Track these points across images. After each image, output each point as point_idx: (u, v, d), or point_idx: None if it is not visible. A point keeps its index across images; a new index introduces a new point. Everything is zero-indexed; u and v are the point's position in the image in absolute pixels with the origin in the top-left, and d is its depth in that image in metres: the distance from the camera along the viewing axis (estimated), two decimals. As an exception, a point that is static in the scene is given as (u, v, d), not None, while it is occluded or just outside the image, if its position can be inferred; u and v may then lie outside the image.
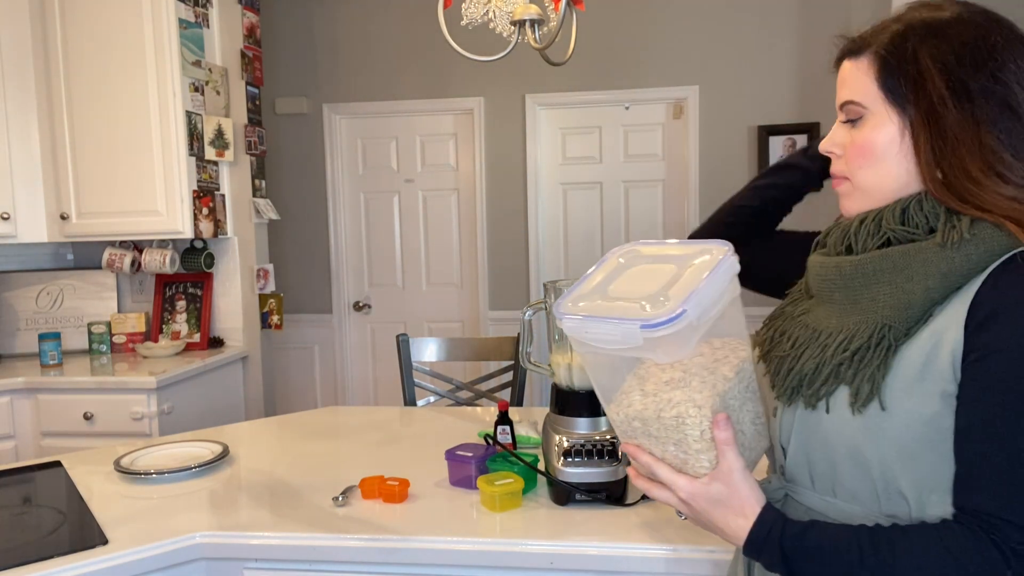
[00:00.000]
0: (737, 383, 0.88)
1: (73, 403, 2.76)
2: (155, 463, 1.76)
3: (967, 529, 0.78)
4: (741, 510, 0.87)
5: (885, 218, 0.87)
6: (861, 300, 0.87)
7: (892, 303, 0.84)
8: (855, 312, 0.88)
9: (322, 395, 4.41)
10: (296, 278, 4.33)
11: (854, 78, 0.90)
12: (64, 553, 1.32)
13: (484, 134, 4.12)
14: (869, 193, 0.90)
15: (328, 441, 1.98)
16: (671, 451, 0.88)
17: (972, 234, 0.81)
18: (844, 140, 0.92)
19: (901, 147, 0.87)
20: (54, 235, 3.09)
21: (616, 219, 4.13)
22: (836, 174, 0.94)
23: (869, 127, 0.89)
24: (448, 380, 2.59)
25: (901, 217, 0.86)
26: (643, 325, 0.80)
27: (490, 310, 4.20)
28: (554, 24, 1.95)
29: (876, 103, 0.88)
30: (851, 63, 0.91)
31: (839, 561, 0.81)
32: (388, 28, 4.13)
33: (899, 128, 0.87)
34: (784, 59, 3.84)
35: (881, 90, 0.87)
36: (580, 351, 0.90)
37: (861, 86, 0.89)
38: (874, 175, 0.89)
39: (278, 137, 4.25)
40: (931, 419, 0.81)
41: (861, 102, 0.89)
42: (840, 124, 0.93)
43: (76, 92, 2.98)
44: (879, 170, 0.89)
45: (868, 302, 0.87)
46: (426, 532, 1.37)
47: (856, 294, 0.88)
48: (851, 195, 0.92)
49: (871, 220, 0.89)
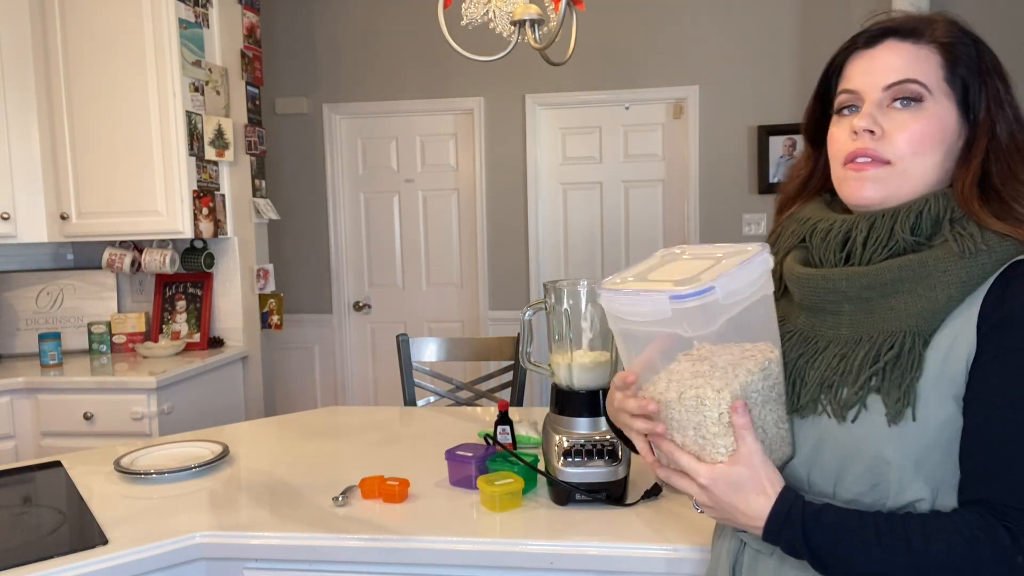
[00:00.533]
0: (761, 379, 0.89)
1: (73, 403, 2.76)
2: (155, 463, 1.76)
3: (979, 515, 0.80)
4: (762, 489, 0.86)
5: (898, 226, 0.87)
6: (877, 310, 0.88)
7: (917, 312, 0.85)
8: (870, 322, 0.88)
9: (322, 395, 4.41)
10: (296, 278, 4.33)
11: (915, 60, 0.88)
12: (64, 553, 1.32)
13: (484, 134, 4.12)
14: (912, 181, 0.88)
15: (328, 441, 1.98)
16: (690, 436, 0.89)
17: (987, 243, 0.83)
18: (887, 121, 0.88)
19: (953, 146, 0.88)
20: (54, 235, 3.09)
21: (616, 219, 4.13)
22: (874, 155, 0.88)
23: (932, 114, 0.87)
24: (448, 380, 2.59)
25: (913, 225, 0.87)
26: (672, 296, 0.83)
27: (490, 310, 4.20)
28: (554, 24, 1.95)
29: (940, 92, 0.88)
30: (908, 45, 0.89)
31: (856, 539, 0.82)
32: (388, 28, 4.13)
33: (957, 127, 0.88)
34: (784, 59, 3.84)
35: (949, 84, 0.88)
36: (616, 329, 0.93)
37: (924, 70, 0.87)
38: (925, 164, 0.88)
39: (278, 137, 4.25)
40: (946, 422, 0.83)
41: (927, 83, 0.87)
42: (878, 106, 0.89)
43: (76, 92, 2.98)
44: (931, 160, 0.88)
45: (885, 311, 0.87)
46: (426, 532, 1.36)
47: (871, 304, 0.88)
48: (885, 180, 0.88)
49: (883, 231, 0.87)
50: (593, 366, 1.48)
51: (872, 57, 0.91)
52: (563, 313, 1.49)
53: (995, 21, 3.51)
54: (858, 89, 0.91)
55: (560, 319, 1.49)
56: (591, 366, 1.47)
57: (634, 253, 4.12)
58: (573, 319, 1.49)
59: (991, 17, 3.50)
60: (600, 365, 1.48)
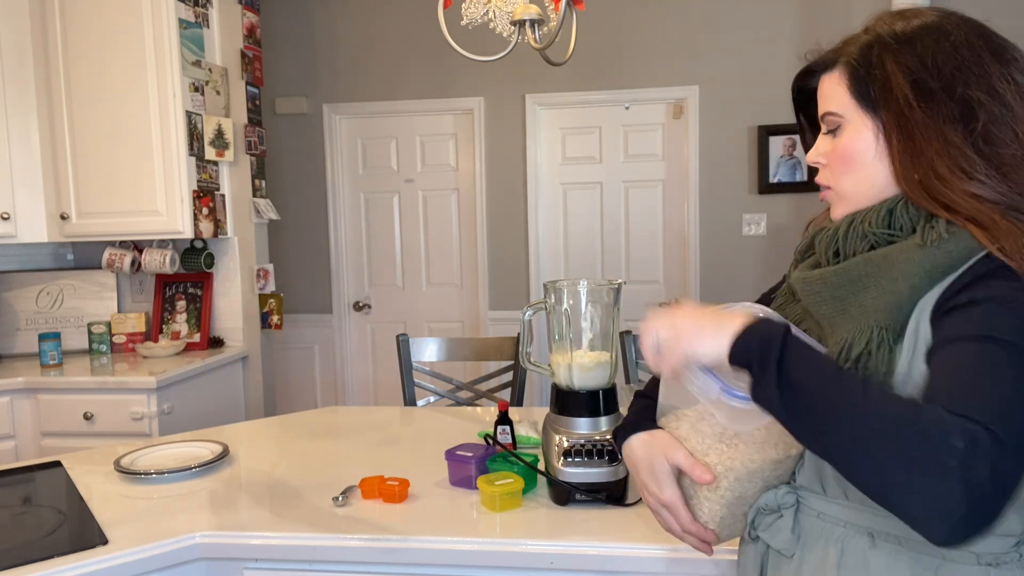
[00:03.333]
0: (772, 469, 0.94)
1: (73, 403, 2.76)
2: (155, 463, 1.76)
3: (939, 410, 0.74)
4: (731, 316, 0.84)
5: (869, 221, 0.89)
6: (850, 309, 0.88)
7: (882, 305, 0.85)
8: (845, 322, 0.88)
9: (322, 395, 4.41)
10: (296, 278, 4.33)
11: (830, 90, 0.93)
12: (64, 553, 1.32)
13: (484, 134, 4.12)
14: (851, 199, 0.93)
15: (328, 441, 1.98)
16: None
17: (950, 233, 0.82)
18: (827, 150, 0.95)
19: (876, 152, 0.89)
20: (54, 235, 3.09)
21: (616, 219, 4.13)
22: (821, 183, 0.97)
23: (846, 135, 0.91)
24: (448, 380, 2.59)
25: (887, 219, 0.88)
26: (723, 388, 0.85)
27: (490, 310, 4.20)
28: (554, 24, 1.95)
29: (850, 111, 0.91)
30: (827, 76, 0.94)
31: (823, 369, 0.77)
32: (388, 28, 4.13)
33: (873, 133, 0.89)
34: (784, 59, 3.84)
35: (853, 98, 0.90)
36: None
37: (836, 97, 0.92)
38: (854, 181, 0.92)
39: (278, 137, 4.25)
40: None
41: (837, 112, 0.92)
42: (823, 135, 0.96)
43: (76, 92, 2.98)
44: (858, 176, 0.91)
45: (857, 309, 0.87)
46: (426, 532, 1.37)
47: (844, 303, 0.89)
48: (835, 202, 0.95)
49: (859, 223, 0.90)
50: (593, 366, 1.48)
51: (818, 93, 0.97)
52: (563, 313, 1.49)
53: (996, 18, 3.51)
54: None
55: (560, 319, 1.49)
56: (591, 366, 1.48)
57: (634, 253, 4.12)
58: (573, 319, 1.49)
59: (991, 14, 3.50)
60: (600, 365, 1.48)
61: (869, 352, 0.84)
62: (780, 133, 3.86)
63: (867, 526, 0.88)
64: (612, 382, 1.50)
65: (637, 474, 1.03)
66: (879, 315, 0.85)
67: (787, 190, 3.89)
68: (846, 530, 0.90)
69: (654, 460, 0.99)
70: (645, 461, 1.01)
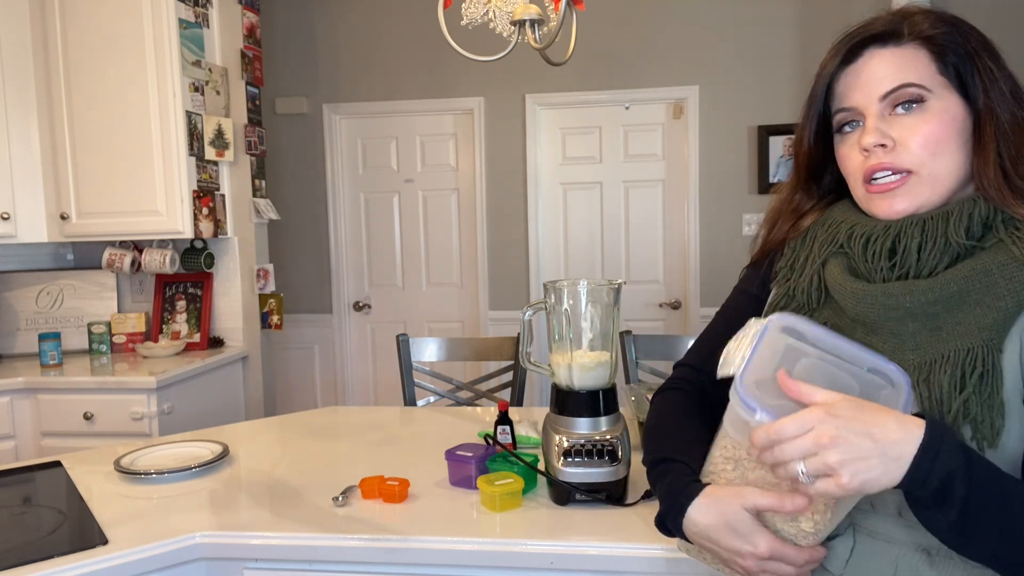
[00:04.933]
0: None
1: (73, 403, 2.76)
2: (155, 463, 1.76)
3: None
4: (890, 412, 0.73)
5: (951, 229, 0.82)
6: (944, 326, 0.82)
7: (988, 324, 0.80)
8: (936, 339, 0.82)
9: (322, 395, 4.41)
10: (296, 278, 4.33)
11: (903, 62, 0.85)
12: (64, 553, 1.31)
13: (484, 134, 4.12)
14: (938, 184, 0.84)
15: (328, 441, 1.98)
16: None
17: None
18: (896, 130, 0.85)
19: (966, 137, 0.84)
20: (54, 235, 3.09)
21: (616, 219, 4.13)
22: (893, 167, 0.85)
23: (938, 112, 0.84)
24: (448, 380, 2.59)
25: (968, 227, 0.82)
26: (764, 411, 0.78)
27: (490, 310, 4.20)
28: (554, 24, 1.95)
29: (939, 88, 0.84)
30: (891, 49, 0.86)
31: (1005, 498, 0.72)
32: (388, 28, 4.13)
33: (965, 116, 0.84)
34: (784, 59, 3.84)
35: (943, 75, 0.84)
36: None
37: (916, 69, 0.85)
38: (949, 162, 0.84)
39: (278, 137, 4.25)
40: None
41: (924, 84, 0.84)
42: (880, 115, 0.86)
43: (76, 92, 2.98)
44: (949, 158, 0.84)
45: (953, 326, 0.81)
46: (426, 532, 1.36)
47: (937, 321, 0.83)
48: (912, 190, 0.85)
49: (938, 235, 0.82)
50: (593, 366, 1.48)
51: (859, 72, 0.88)
52: (563, 313, 1.49)
53: (996, 15, 3.51)
54: (855, 106, 0.88)
55: (560, 319, 1.49)
56: (591, 366, 1.47)
57: (634, 253, 4.12)
58: (573, 319, 1.49)
59: (991, 12, 3.50)
60: (600, 365, 1.48)
61: (982, 375, 0.79)
62: (780, 133, 3.86)
63: (923, 543, 0.83)
64: (612, 382, 1.50)
65: (719, 545, 0.87)
66: (984, 333, 0.80)
67: (787, 190, 3.89)
68: (901, 549, 0.85)
69: (729, 518, 0.86)
70: (719, 526, 0.87)
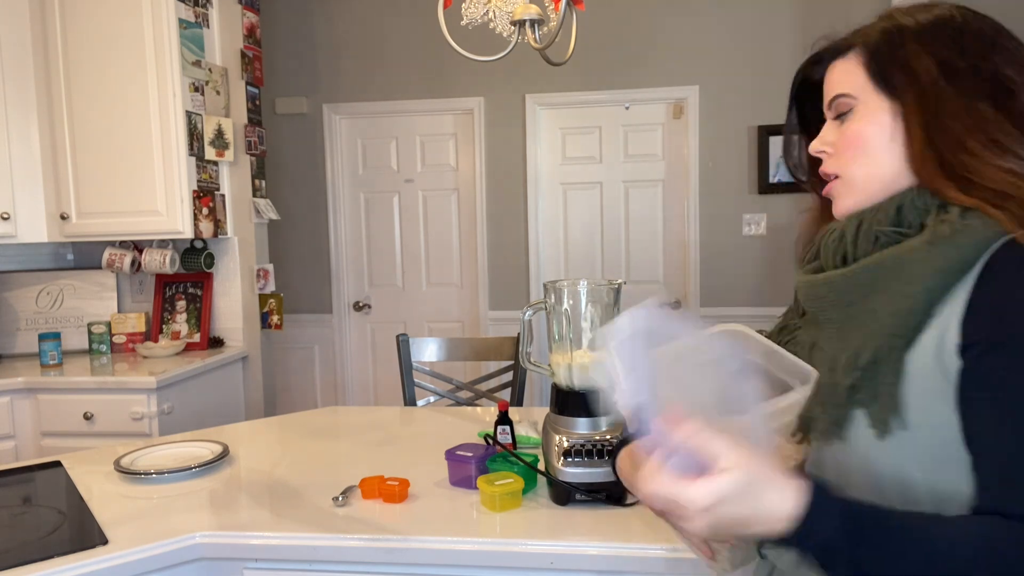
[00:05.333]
0: None
1: (73, 403, 2.76)
2: (155, 463, 1.76)
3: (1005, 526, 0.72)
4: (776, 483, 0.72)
5: (878, 219, 0.84)
6: (859, 315, 0.84)
7: (895, 310, 0.80)
8: (854, 329, 0.84)
9: (322, 395, 4.41)
10: (296, 278, 4.33)
11: (843, 74, 0.89)
12: (64, 553, 1.31)
13: (484, 134, 4.12)
14: (861, 187, 0.88)
15: (328, 441, 1.98)
16: None
17: (964, 224, 0.78)
18: (834, 137, 0.91)
19: (893, 135, 0.85)
20: (54, 235, 3.09)
21: (616, 219, 4.13)
22: (828, 173, 0.92)
23: (859, 117, 0.87)
24: (448, 380, 2.59)
25: (897, 216, 0.84)
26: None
27: (490, 310, 4.20)
28: (554, 24, 1.95)
29: (865, 93, 0.87)
30: (839, 62, 0.91)
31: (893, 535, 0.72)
32: (388, 28, 4.13)
33: (891, 115, 0.85)
34: (784, 59, 3.84)
35: (871, 79, 0.87)
36: None
37: (850, 79, 0.89)
38: (866, 167, 0.87)
39: (278, 137, 4.25)
40: (941, 426, 0.77)
41: (850, 93, 0.88)
42: (829, 124, 0.92)
43: (76, 92, 2.98)
44: (870, 161, 0.87)
45: (867, 315, 0.83)
46: (426, 532, 1.36)
47: (853, 309, 0.84)
48: (843, 193, 0.90)
49: (866, 224, 0.85)
50: (593, 366, 1.48)
51: (826, 81, 0.93)
52: (563, 313, 1.49)
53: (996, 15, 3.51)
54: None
55: (560, 319, 1.49)
56: (591, 366, 1.47)
57: (634, 253, 4.12)
58: (573, 319, 1.49)
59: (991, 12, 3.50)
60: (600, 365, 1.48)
61: (875, 361, 0.80)
62: (780, 133, 3.85)
63: None
64: (612, 382, 1.50)
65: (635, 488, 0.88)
66: (891, 320, 0.80)
67: (787, 190, 3.89)
68: None
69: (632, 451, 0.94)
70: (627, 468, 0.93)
